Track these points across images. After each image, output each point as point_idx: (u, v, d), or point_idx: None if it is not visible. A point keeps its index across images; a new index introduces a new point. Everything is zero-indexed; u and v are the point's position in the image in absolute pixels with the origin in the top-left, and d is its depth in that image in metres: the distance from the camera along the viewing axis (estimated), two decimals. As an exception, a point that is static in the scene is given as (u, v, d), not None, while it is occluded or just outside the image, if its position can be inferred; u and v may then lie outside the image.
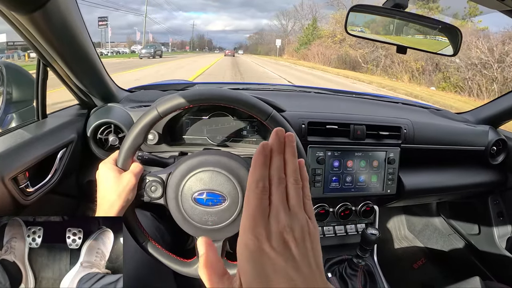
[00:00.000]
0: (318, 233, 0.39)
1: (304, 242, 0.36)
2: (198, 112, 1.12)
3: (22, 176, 0.80)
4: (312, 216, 0.39)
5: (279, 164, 0.38)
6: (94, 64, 1.00)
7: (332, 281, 1.12)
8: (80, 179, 1.11)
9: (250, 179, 0.38)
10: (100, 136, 1.06)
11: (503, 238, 1.62)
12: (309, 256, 0.36)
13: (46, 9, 0.68)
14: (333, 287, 0.41)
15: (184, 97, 0.68)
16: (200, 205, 0.70)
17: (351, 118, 1.24)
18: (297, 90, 1.66)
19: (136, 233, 0.73)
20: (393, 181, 1.27)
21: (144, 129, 0.68)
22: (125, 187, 0.67)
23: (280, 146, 0.39)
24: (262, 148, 0.38)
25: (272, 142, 0.39)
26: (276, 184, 0.38)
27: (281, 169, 0.38)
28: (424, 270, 1.87)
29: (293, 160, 0.39)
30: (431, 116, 1.55)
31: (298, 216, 0.37)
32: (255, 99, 0.71)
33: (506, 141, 1.51)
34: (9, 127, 0.98)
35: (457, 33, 1.01)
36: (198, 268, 0.42)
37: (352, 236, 1.33)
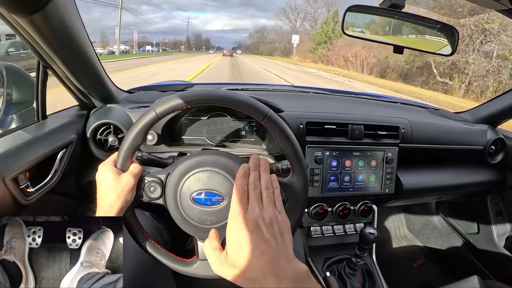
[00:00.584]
0: (286, 221, 0.58)
1: (272, 226, 0.56)
2: (197, 112, 1.13)
3: (22, 176, 0.80)
4: (281, 211, 0.59)
5: (255, 176, 0.62)
6: (93, 65, 1.01)
7: (331, 280, 1.12)
8: (80, 179, 1.12)
9: (235, 187, 0.61)
10: (99, 137, 1.07)
11: (502, 237, 1.63)
12: (276, 235, 0.55)
13: (45, 11, 0.69)
14: (302, 264, 0.55)
15: (182, 98, 0.69)
16: (198, 204, 0.70)
17: (349, 118, 1.24)
18: (296, 90, 1.67)
19: (135, 233, 0.74)
20: (391, 180, 1.27)
21: (142, 130, 0.69)
22: (123, 188, 0.67)
23: (256, 165, 0.64)
24: (242, 167, 0.63)
25: (250, 162, 0.64)
26: (252, 188, 0.60)
27: (257, 179, 0.61)
28: (423, 269, 1.88)
29: (265, 174, 0.63)
30: (430, 115, 1.55)
31: (268, 209, 0.57)
32: (252, 100, 0.71)
33: (505, 140, 1.51)
34: (9, 128, 0.99)
35: (454, 33, 1.01)
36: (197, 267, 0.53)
37: (350, 236, 1.34)
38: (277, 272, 0.51)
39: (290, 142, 0.71)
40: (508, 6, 0.82)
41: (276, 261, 0.52)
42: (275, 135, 0.71)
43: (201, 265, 0.75)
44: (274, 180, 0.63)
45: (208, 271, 0.75)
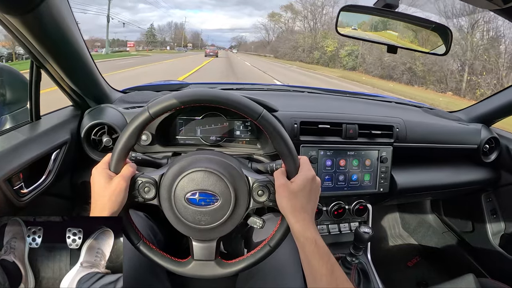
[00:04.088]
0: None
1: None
2: (191, 112, 1.13)
3: (16, 177, 0.80)
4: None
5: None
6: (87, 65, 1.00)
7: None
8: (74, 180, 1.11)
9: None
10: (94, 137, 1.06)
11: (496, 235, 1.64)
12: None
13: (38, 11, 0.69)
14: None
15: (176, 98, 0.69)
16: (193, 205, 0.70)
17: (344, 117, 1.25)
18: (291, 90, 1.67)
19: (130, 234, 0.74)
20: (386, 179, 1.28)
21: (135, 131, 0.69)
22: (114, 190, 0.67)
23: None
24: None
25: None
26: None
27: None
28: (418, 268, 1.88)
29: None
30: (424, 115, 1.56)
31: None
32: (246, 99, 0.71)
33: (499, 139, 1.53)
34: (2, 129, 0.98)
35: (448, 32, 1.02)
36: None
37: (345, 235, 1.35)
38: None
39: (284, 141, 0.71)
40: (501, 6, 0.82)
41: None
42: (269, 135, 0.71)
43: (196, 265, 0.75)
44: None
45: (203, 271, 0.75)
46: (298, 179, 0.70)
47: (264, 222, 0.77)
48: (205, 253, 0.75)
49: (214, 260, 0.75)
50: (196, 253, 0.75)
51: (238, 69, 20.64)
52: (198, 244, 0.75)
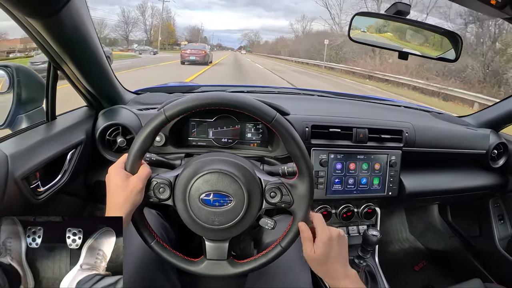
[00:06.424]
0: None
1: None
2: (204, 114, 1.14)
3: (33, 176, 0.82)
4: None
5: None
6: (103, 67, 1.02)
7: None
8: (88, 179, 1.13)
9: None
10: (108, 138, 1.08)
11: (503, 241, 1.63)
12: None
13: (60, 14, 0.70)
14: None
15: (192, 101, 0.70)
16: (207, 205, 0.72)
17: (354, 121, 1.25)
18: (301, 93, 1.67)
19: (144, 233, 0.75)
20: (395, 183, 1.28)
21: (152, 132, 0.70)
22: (131, 191, 0.68)
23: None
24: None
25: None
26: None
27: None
28: (425, 272, 1.88)
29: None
30: (433, 119, 1.56)
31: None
32: (260, 103, 0.72)
33: (507, 144, 1.52)
34: (19, 128, 1.00)
35: (458, 39, 1.03)
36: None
37: (354, 237, 1.35)
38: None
39: (297, 145, 0.72)
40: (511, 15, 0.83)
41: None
42: (282, 138, 0.72)
43: (209, 265, 0.76)
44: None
45: (216, 271, 0.76)
46: (318, 248, 0.73)
47: (275, 223, 0.79)
48: (218, 252, 0.76)
49: (226, 260, 0.76)
50: (209, 253, 0.76)
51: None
52: (211, 244, 0.76)
